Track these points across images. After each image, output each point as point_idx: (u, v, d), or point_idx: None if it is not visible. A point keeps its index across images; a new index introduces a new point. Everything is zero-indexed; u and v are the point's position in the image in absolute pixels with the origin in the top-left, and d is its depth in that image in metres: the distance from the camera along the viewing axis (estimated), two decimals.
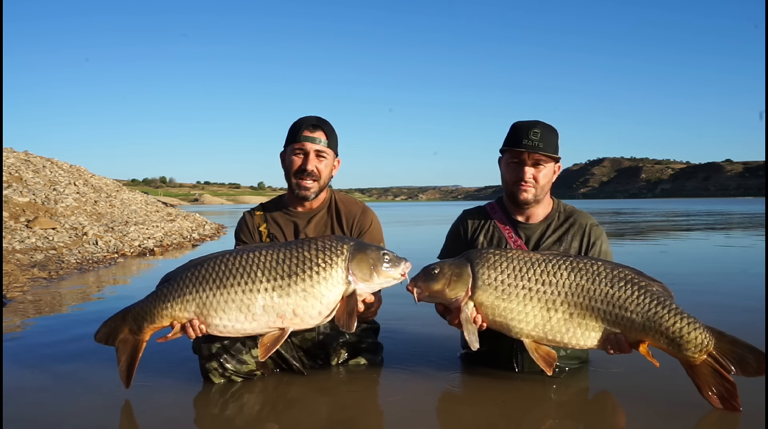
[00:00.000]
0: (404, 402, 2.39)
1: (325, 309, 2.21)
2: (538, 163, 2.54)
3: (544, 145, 2.51)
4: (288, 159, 2.64)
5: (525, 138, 2.51)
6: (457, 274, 2.24)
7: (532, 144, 2.50)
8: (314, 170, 2.59)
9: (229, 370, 2.49)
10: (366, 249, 2.26)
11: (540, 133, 2.51)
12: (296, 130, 2.61)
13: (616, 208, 47.69)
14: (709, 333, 2.09)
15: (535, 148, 2.50)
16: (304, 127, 2.60)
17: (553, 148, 2.54)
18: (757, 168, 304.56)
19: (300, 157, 2.61)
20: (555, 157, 2.56)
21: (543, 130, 2.52)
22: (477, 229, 2.70)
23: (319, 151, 2.61)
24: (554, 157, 2.56)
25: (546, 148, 2.51)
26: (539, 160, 2.53)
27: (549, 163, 2.56)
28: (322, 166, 2.62)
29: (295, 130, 2.62)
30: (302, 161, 2.60)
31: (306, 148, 2.59)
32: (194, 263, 2.32)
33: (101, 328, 2.35)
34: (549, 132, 2.54)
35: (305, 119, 2.64)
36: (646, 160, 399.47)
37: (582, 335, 2.19)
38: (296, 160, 2.61)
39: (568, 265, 2.21)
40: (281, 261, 2.22)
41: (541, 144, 2.50)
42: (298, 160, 2.60)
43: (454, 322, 2.32)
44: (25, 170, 13.30)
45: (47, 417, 2.25)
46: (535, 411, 2.29)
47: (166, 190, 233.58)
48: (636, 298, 2.14)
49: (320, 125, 2.63)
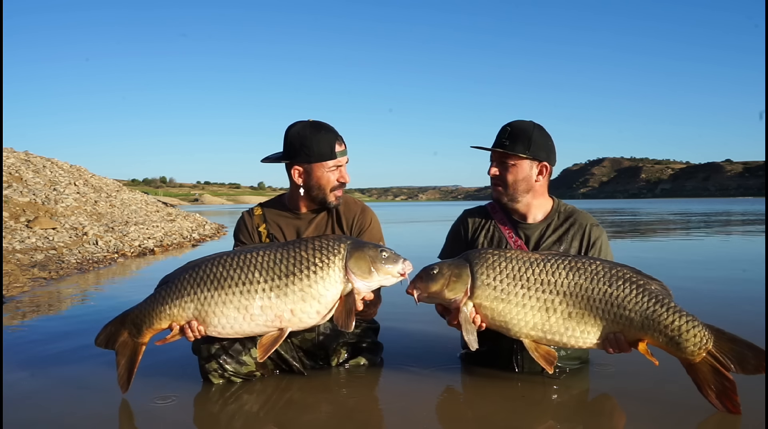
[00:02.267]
0: (404, 402, 2.39)
1: (324, 308, 2.21)
2: (505, 161, 2.53)
3: (509, 144, 2.49)
4: (323, 175, 2.58)
5: (497, 138, 2.54)
6: (456, 274, 2.24)
7: (498, 142, 2.52)
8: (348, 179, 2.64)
9: (229, 371, 2.48)
10: (363, 247, 2.26)
11: (509, 132, 2.50)
12: (327, 148, 2.55)
13: (616, 208, 47.67)
14: (709, 331, 2.08)
15: (499, 145, 2.51)
16: (334, 142, 2.57)
17: (521, 146, 2.49)
18: (757, 168, 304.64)
19: (336, 172, 2.60)
20: (522, 156, 2.50)
21: (514, 130, 2.51)
22: (477, 229, 2.70)
23: (347, 161, 2.66)
24: (520, 156, 2.51)
25: (511, 146, 2.49)
26: (504, 159, 2.53)
27: (519, 160, 2.52)
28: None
29: (326, 148, 2.55)
30: (339, 175, 2.60)
31: (341, 163, 2.61)
32: (192, 265, 2.32)
33: (101, 333, 2.36)
34: (521, 131, 2.51)
35: (330, 133, 2.58)
36: (646, 160, 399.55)
37: (581, 335, 2.19)
38: (333, 176, 2.59)
39: (566, 265, 2.21)
40: (279, 261, 2.22)
41: (506, 142, 2.49)
42: (335, 175, 2.60)
43: (453, 323, 2.31)
44: (26, 170, 13.31)
45: (47, 417, 2.25)
46: (536, 411, 2.28)
47: (166, 190, 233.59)
48: (635, 297, 2.14)
49: (340, 135, 2.63)
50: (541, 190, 2.61)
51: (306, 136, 2.55)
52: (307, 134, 2.55)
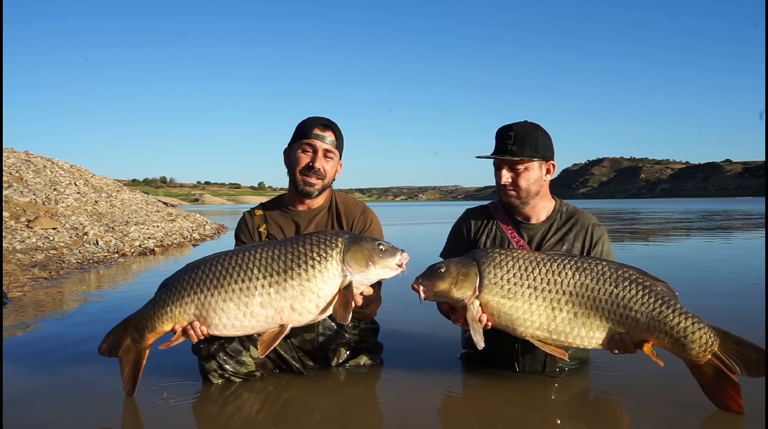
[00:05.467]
0: (404, 402, 2.38)
1: (323, 302, 2.20)
2: (516, 167, 2.52)
3: (518, 148, 2.48)
4: (294, 155, 2.61)
5: (501, 143, 2.52)
6: (464, 273, 2.23)
7: (506, 148, 2.49)
8: (321, 169, 2.58)
9: (228, 370, 2.47)
10: (361, 240, 2.26)
11: (514, 137, 2.49)
12: (306, 128, 2.60)
13: (617, 208, 47.69)
14: (714, 333, 2.07)
15: (508, 152, 2.49)
16: (315, 125, 2.59)
17: (530, 150, 2.49)
18: (757, 168, 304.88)
19: (309, 154, 2.59)
20: (532, 159, 2.50)
21: (518, 133, 2.49)
22: (480, 228, 2.69)
23: (328, 150, 2.61)
24: (531, 160, 2.50)
25: (520, 151, 2.48)
26: (515, 164, 2.52)
27: (530, 164, 2.52)
28: (328, 167, 2.61)
29: (305, 128, 2.60)
30: (311, 158, 2.58)
31: (315, 145, 2.58)
32: (191, 266, 2.32)
33: (103, 342, 2.34)
34: (525, 134, 2.50)
35: (316, 118, 2.63)
36: (645, 160, 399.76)
37: (586, 335, 2.18)
38: (304, 157, 2.59)
39: (572, 265, 2.20)
40: (277, 257, 2.22)
41: (514, 148, 2.48)
42: (306, 157, 2.59)
43: (459, 322, 2.30)
44: (26, 170, 13.31)
45: (47, 417, 2.23)
46: (536, 411, 2.27)
47: (167, 190, 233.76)
48: (640, 298, 2.13)
49: (330, 126, 2.63)
50: (545, 190, 2.62)
51: (299, 122, 2.65)
52: (300, 121, 2.65)
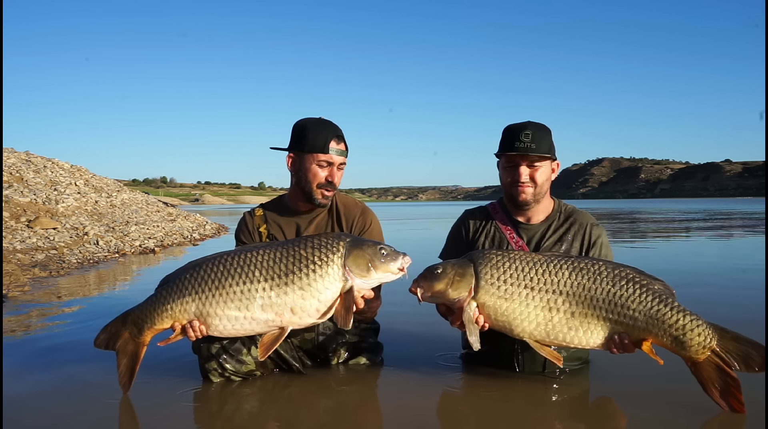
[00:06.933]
0: (404, 402, 2.38)
1: (323, 306, 2.20)
2: (534, 164, 2.55)
3: (536, 146, 2.51)
4: (311, 168, 2.58)
5: (517, 141, 2.53)
6: (460, 274, 2.24)
7: (525, 146, 2.51)
8: (336, 181, 2.61)
9: (229, 370, 2.48)
10: (362, 244, 2.26)
11: (531, 134, 2.51)
12: (322, 141, 2.55)
13: (617, 208, 47.67)
14: (712, 330, 2.08)
15: (528, 149, 2.50)
16: (330, 137, 2.56)
17: (546, 147, 2.54)
18: (756, 168, 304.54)
19: (326, 169, 2.58)
20: (549, 157, 2.56)
21: (534, 131, 2.52)
22: (478, 229, 2.69)
23: (342, 163, 2.63)
24: (548, 157, 2.56)
25: (539, 148, 2.51)
26: (534, 160, 2.54)
27: (544, 161, 2.56)
28: (340, 176, 2.65)
29: (320, 141, 2.55)
30: (329, 173, 2.59)
31: (333, 161, 2.58)
32: (193, 264, 2.32)
33: (101, 334, 2.34)
34: (540, 132, 2.54)
35: (329, 128, 2.59)
36: (645, 160, 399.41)
37: (584, 335, 2.18)
38: (322, 172, 2.58)
39: (569, 265, 2.21)
40: (278, 260, 2.22)
41: (533, 145, 2.51)
42: (324, 172, 2.58)
43: (456, 324, 2.31)
44: (26, 170, 13.31)
45: (48, 417, 2.24)
46: (536, 411, 2.28)
47: (167, 190, 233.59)
48: (638, 297, 2.14)
49: (343, 137, 2.62)
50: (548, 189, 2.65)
51: (306, 126, 2.59)
52: (308, 125, 2.59)
